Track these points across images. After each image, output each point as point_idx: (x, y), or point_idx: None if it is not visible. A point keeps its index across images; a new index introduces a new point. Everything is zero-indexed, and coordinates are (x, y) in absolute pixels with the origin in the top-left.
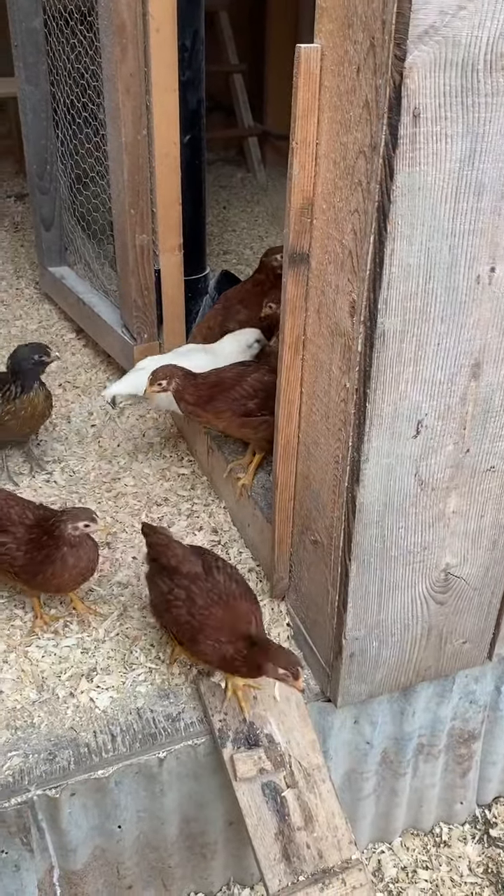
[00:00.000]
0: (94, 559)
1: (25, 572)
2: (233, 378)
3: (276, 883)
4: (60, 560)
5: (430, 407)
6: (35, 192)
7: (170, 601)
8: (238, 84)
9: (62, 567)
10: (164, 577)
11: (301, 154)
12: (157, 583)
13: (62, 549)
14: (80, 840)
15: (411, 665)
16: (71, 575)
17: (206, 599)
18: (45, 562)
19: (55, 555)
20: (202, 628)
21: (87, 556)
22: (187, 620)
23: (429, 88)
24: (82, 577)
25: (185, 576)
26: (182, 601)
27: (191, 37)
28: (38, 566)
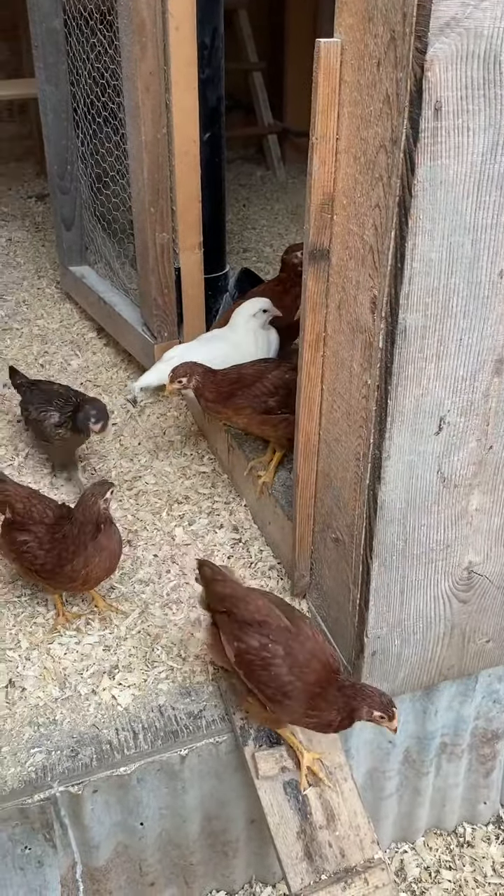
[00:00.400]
0: (119, 540)
1: (45, 570)
2: (253, 375)
3: (298, 882)
4: (94, 544)
5: (453, 403)
6: (56, 192)
7: (266, 659)
8: (257, 82)
9: (94, 550)
10: (251, 631)
11: (321, 149)
12: (241, 637)
13: (100, 528)
14: (103, 837)
15: (434, 664)
16: (101, 559)
17: (305, 654)
18: (77, 552)
19: (88, 540)
20: (305, 687)
21: (115, 537)
22: (289, 680)
23: (450, 81)
24: (110, 563)
25: (275, 630)
26: (281, 658)
27: (210, 34)
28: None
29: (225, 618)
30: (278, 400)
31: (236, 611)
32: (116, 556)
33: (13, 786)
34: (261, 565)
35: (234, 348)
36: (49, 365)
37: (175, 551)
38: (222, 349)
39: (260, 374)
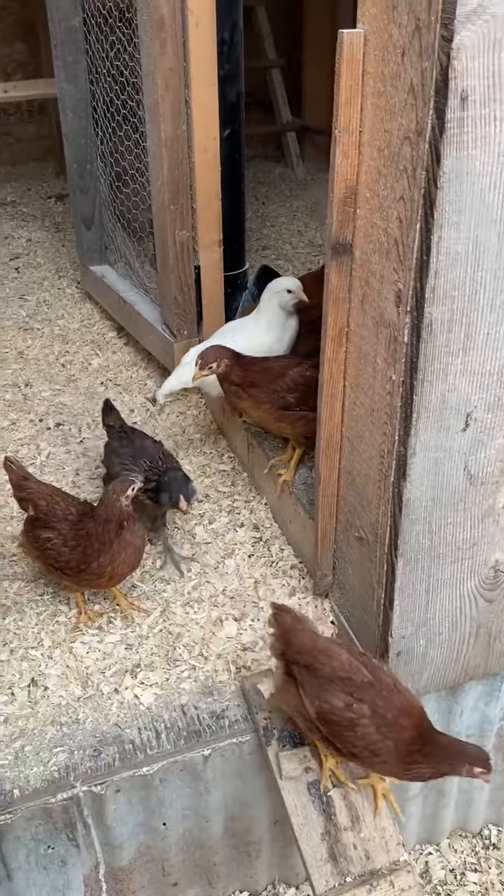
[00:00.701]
0: (142, 537)
1: (70, 567)
2: (277, 370)
3: (322, 884)
4: (119, 540)
5: (480, 399)
6: (75, 192)
7: (352, 720)
8: (276, 79)
9: (119, 547)
10: (334, 689)
11: (344, 142)
12: (324, 696)
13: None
14: (126, 837)
15: (459, 664)
16: (126, 554)
17: (393, 712)
18: (101, 549)
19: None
20: (396, 745)
21: (138, 533)
22: (377, 739)
23: (477, 70)
24: (135, 559)
25: (360, 687)
26: (368, 718)
27: (229, 30)
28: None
29: (304, 671)
30: (297, 397)
31: (319, 666)
32: (140, 552)
33: (36, 785)
34: (282, 564)
35: (248, 339)
36: (70, 364)
37: (196, 550)
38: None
39: (283, 370)
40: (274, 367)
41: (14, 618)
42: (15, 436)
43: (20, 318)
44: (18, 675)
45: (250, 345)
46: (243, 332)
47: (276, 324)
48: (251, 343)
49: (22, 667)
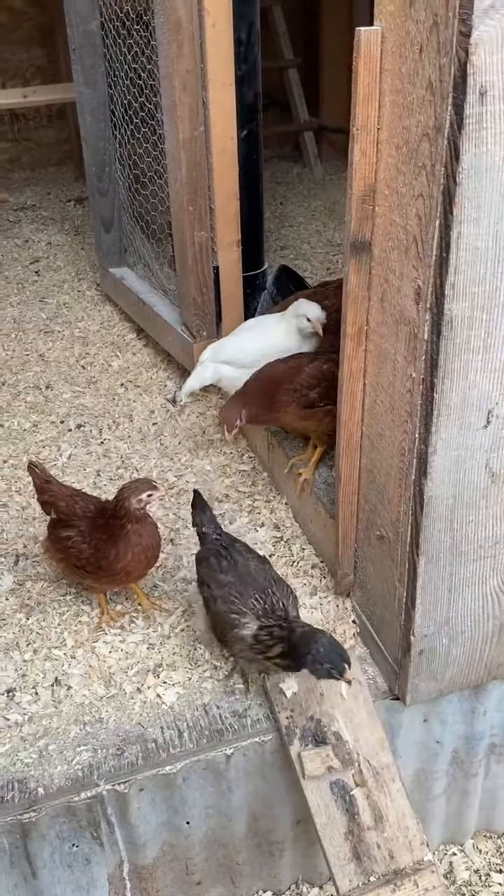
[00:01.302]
0: (155, 535)
1: (90, 564)
2: (290, 369)
3: (346, 883)
4: (124, 539)
5: (501, 396)
6: (94, 194)
7: None
8: (293, 79)
9: (125, 546)
10: None
11: (362, 140)
12: None
13: (126, 527)
14: (149, 835)
15: (482, 663)
16: (135, 554)
17: None
18: (109, 542)
19: (119, 534)
20: None
21: (148, 532)
22: None
23: (496, 65)
24: (146, 559)
25: None
26: None
27: (246, 30)
28: (102, 551)
29: None
30: (320, 392)
31: None
32: (152, 552)
33: (60, 784)
34: (303, 564)
35: (263, 335)
36: (90, 366)
37: None
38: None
39: (298, 368)
40: (281, 369)
41: (37, 618)
42: (36, 437)
43: (41, 320)
44: (42, 674)
45: (267, 345)
46: (263, 332)
47: (294, 337)
48: (268, 343)
49: (45, 666)
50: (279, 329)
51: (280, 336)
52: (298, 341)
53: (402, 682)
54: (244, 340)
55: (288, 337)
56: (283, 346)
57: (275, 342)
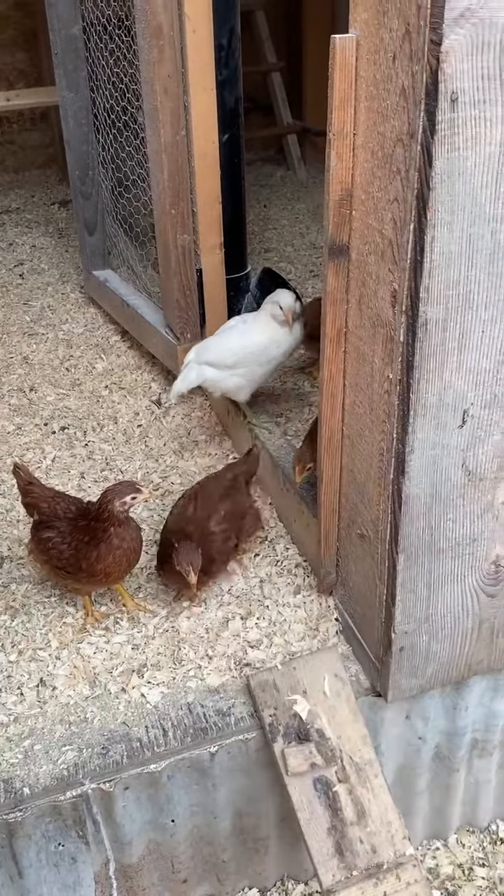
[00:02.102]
0: (137, 538)
1: (71, 565)
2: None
3: (329, 878)
4: (106, 542)
5: (476, 396)
6: (78, 198)
7: None
8: (276, 82)
9: (107, 549)
10: None
11: (338, 145)
12: None
13: (109, 529)
14: (135, 833)
15: (462, 659)
16: (115, 557)
17: None
18: (91, 544)
19: (101, 536)
20: None
21: (130, 536)
22: None
23: (466, 72)
24: (127, 562)
25: None
26: None
27: (227, 35)
28: (82, 552)
29: None
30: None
31: None
32: (132, 555)
33: (45, 783)
34: (286, 563)
35: (245, 334)
36: (74, 369)
37: None
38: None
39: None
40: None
41: (22, 619)
42: (21, 440)
43: (25, 323)
44: (27, 675)
45: (250, 342)
46: (244, 331)
47: (269, 328)
48: (251, 341)
49: (30, 667)
50: (258, 324)
51: (260, 331)
52: (277, 332)
53: (384, 679)
54: (228, 339)
55: (267, 329)
56: (264, 341)
57: (257, 339)
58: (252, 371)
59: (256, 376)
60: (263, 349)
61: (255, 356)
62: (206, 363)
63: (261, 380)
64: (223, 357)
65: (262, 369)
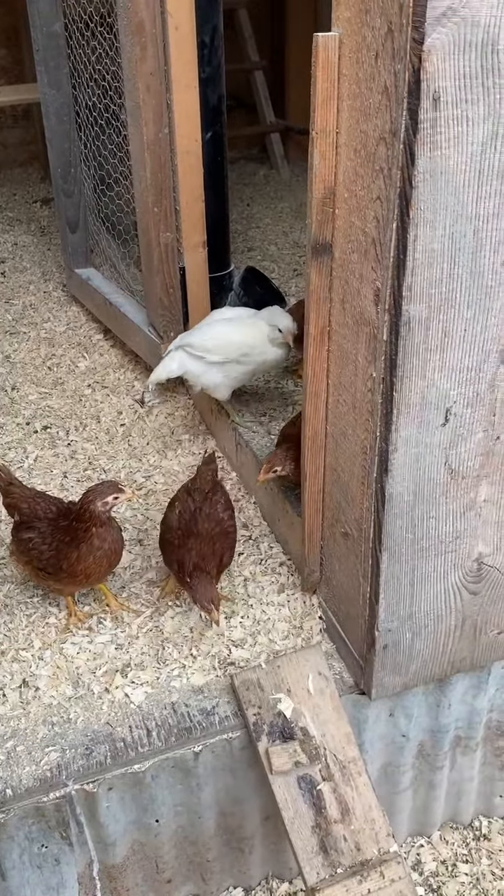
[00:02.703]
0: (118, 539)
1: (51, 565)
2: None
3: (314, 876)
4: (87, 543)
5: (459, 394)
6: (60, 196)
7: None
8: (259, 81)
9: (88, 549)
10: None
11: (321, 143)
12: None
13: (91, 530)
14: (119, 834)
15: (446, 656)
16: (96, 558)
17: None
18: (71, 545)
19: (83, 537)
20: None
21: (111, 537)
22: None
23: (448, 71)
24: (108, 563)
25: None
26: None
27: (210, 33)
28: (63, 552)
29: None
30: None
31: None
32: (114, 556)
33: (28, 784)
34: (271, 562)
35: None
36: (57, 367)
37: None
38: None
39: None
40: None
41: (4, 620)
42: (2, 439)
43: (6, 321)
44: (10, 676)
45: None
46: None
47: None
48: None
49: (13, 668)
50: (254, 328)
51: (254, 334)
52: (267, 345)
53: (368, 677)
54: (214, 326)
55: (259, 337)
56: (253, 343)
57: (248, 339)
58: (232, 367)
59: (235, 374)
60: (248, 348)
61: (237, 349)
62: (187, 345)
63: (240, 380)
64: (204, 340)
65: (241, 368)
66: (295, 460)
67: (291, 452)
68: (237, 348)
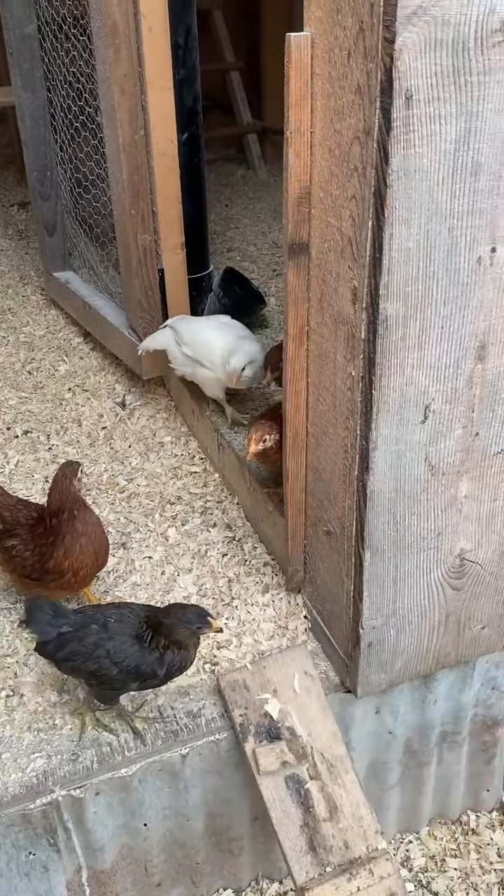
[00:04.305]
0: (98, 524)
1: (36, 570)
2: None
3: (303, 875)
4: (70, 533)
5: (437, 391)
6: (37, 199)
7: None
8: (235, 81)
9: (72, 539)
10: None
11: (296, 143)
12: None
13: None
14: (107, 839)
15: (430, 652)
16: (81, 546)
17: None
18: (56, 542)
19: (65, 528)
20: None
21: (91, 520)
22: None
23: (420, 70)
24: (94, 552)
25: None
26: None
27: (184, 35)
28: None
29: None
30: None
31: None
32: (99, 541)
33: (14, 792)
34: (255, 562)
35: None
36: (37, 372)
37: (169, 552)
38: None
39: None
40: None
41: None
42: None
43: None
44: None
45: (205, 333)
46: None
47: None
48: (207, 333)
49: None
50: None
51: (220, 344)
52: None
53: (353, 675)
54: (199, 322)
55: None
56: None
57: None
58: (199, 367)
59: (203, 376)
60: (215, 358)
61: (203, 351)
62: (171, 326)
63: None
64: (182, 329)
65: (207, 372)
66: (279, 431)
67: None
68: (204, 353)
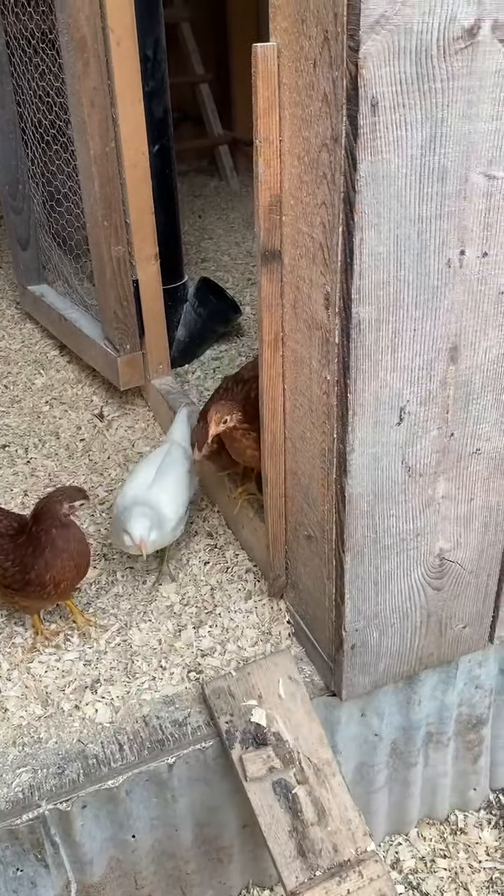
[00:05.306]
0: (82, 541)
1: (17, 581)
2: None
3: (293, 880)
4: (51, 547)
5: (412, 393)
6: (9, 213)
7: None
8: (205, 93)
9: (53, 554)
10: None
11: (265, 152)
12: None
13: (51, 531)
14: (95, 852)
15: (413, 653)
16: (62, 560)
17: None
18: (36, 553)
19: (45, 540)
20: None
21: (74, 537)
22: None
23: (385, 77)
24: (75, 566)
25: None
26: None
27: (152, 47)
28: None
29: None
30: None
31: None
32: (82, 557)
33: (0, 807)
34: (237, 569)
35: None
36: (13, 385)
37: (151, 562)
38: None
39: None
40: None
41: None
42: None
43: None
44: None
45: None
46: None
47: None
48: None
49: None
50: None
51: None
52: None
53: (338, 678)
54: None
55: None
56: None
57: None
58: None
59: None
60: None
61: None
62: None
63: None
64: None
65: None
66: (242, 409)
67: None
68: None
